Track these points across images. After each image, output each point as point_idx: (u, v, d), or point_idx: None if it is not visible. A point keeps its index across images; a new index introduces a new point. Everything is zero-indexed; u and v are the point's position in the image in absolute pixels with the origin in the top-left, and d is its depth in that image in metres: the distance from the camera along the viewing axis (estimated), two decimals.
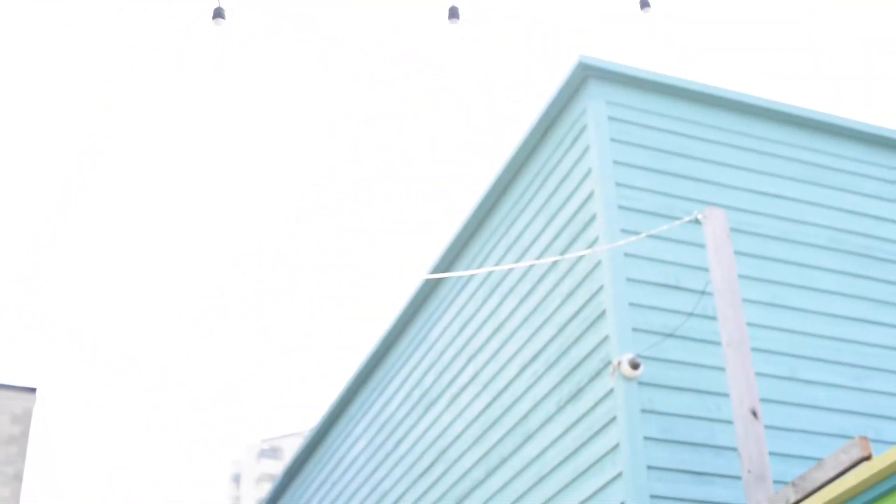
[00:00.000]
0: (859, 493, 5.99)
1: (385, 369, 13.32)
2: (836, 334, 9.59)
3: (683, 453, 8.47)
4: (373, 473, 13.13)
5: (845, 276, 9.96)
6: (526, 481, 9.64)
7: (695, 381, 8.78)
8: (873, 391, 9.46)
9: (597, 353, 8.93)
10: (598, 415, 8.75)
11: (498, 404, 10.36)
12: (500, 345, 10.53)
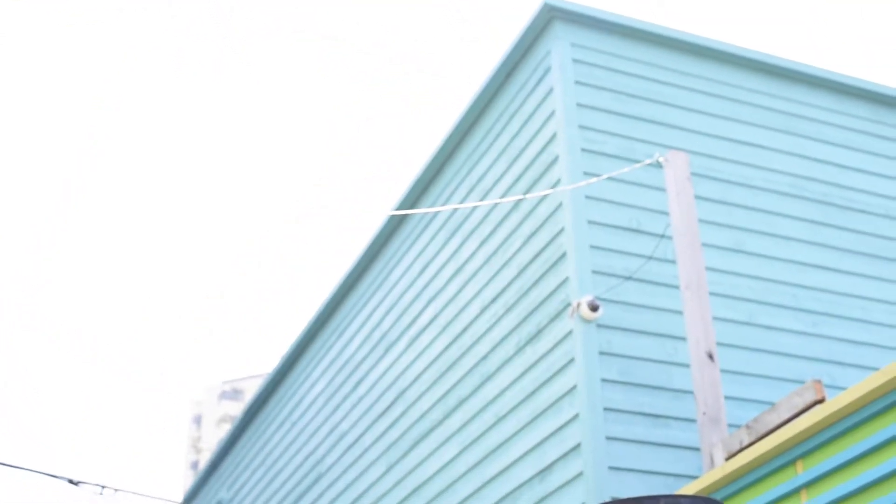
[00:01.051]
0: (812, 436, 6.02)
1: (345, 311, 13.29)
2: (796, 281, 9.62)
3: (640, 395, 8.49)
4: (332, 414, 13.14)
5: (807, 223, 9.97)
6: (484, 422, 9.66)
7: (653, 325, 8.80)
8: (831, 337, 9.51)
9: (556, 295, 8.93)
10: (557, 356, 8.75)
11: (457, 346, 10.36)
12: (460, 286, 10.52)
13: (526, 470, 8.92)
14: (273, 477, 14.79)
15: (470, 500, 9.68)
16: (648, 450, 8.34)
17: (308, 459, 13.65)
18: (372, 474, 11.72)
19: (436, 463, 10.38)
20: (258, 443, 15.70)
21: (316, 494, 13.19)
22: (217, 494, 17.15)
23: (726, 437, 6.92)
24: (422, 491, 10.57)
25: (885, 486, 5.58)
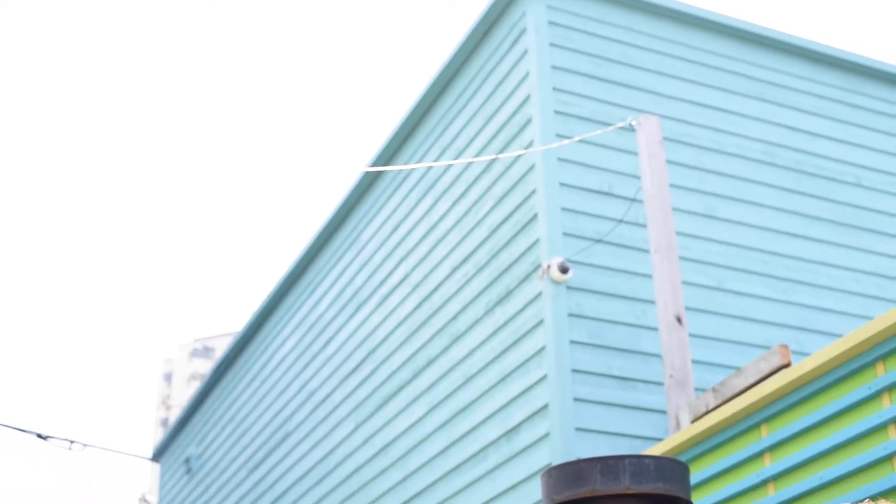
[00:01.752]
0: (777, 400, 6.07)
1: (316, 269, 13.28)
2: (767, 247, 9.66)
3: (609, 358, 8.52)
4: (301, 372, 13.15)
5: (778, 190, 10.00)
6: (452, 382, 9.69)
7: (623, 288, 8.83)
8: (800, 304, 9.56)
9: (527, 257, 8.94)
10: (526, 318, 8.78)
11: (427, 305, 10.38)
12: (431, 246, 10.52)
13: (493, 430, 8.95)
14: (242, 434, 14.81)
15: (437, 459, 9.72)
16: (616, 412, 8.38)
17: (277, 417, 13.67)
18: (340, 432, 11.75)
19: (404, 422, 10.41)
20: (227, 400, 15.71)
21: (284, 452, 13.22)
22: (186, 451, 17.17)
23: (693, 400, 6.96)
24: (389, 450, 10.60)
25: (847, 450, 5.63)
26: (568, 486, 5.73)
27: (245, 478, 14.41)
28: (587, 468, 5.66)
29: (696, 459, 6.53)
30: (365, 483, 11.01)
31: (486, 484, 8.93)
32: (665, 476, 5.70)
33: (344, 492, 11.45)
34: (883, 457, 5.42)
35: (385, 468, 10.64)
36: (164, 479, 18.41)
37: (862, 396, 5.60)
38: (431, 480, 9.74)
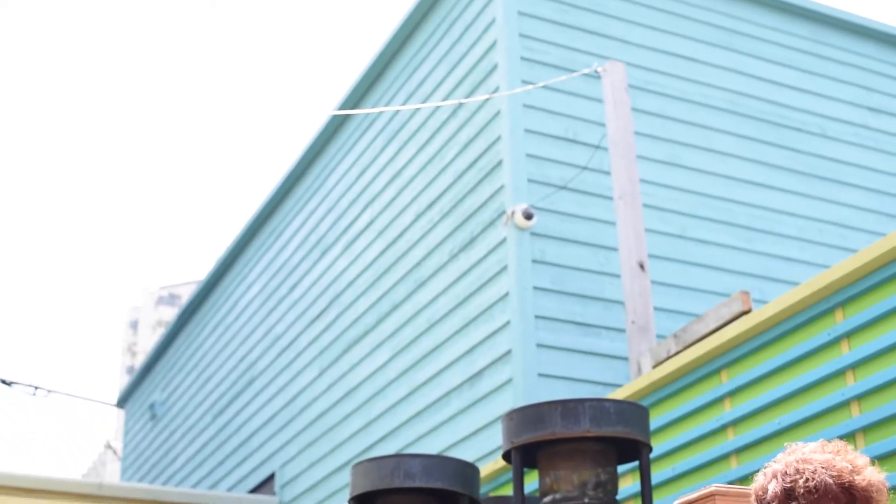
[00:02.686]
0: (738, 346, 6.10)
1: (282, 214, 13.25)
2: (730, 196, 9.69)
3: (572, 304, 8.55)
4: (266, 317, 13.14)
5: (743, 139, 10.02)
6: (416, 327, 9.71)
7: (587, 235, 8.84)
8: (762, 253, 9.61)
9: (491, 203, 8.94)
10: (490, 264, 8.79)
11: (392, 251, 10.38)
12: (396, 192, 10.51)
13: (456, 375, 8.98)
14: (206, 379, 14.81)
15: (400, 405, 9.75)
16: (578, 358, 8.42)
17: (242, 362, 13.67)
18: (305, 378, 11.77)
19: (368, 367, 10.44)
20: (192, 346, 15.69)
21: (249, 397, 13.24)
22: (151, 397, 17.16)
23: (654, 346, 7.00)
24: (354, 395, 10.63)
25: (806, 396, 5.67)
26: (528, 429, 5.77)
27: (210, 423, 14.42)
28: (548, 411, 5.70)
29: (657, 404, 6.57)
30: (329, 428, 11.05)
31: (449, 429, 8.97)
32: (625, 419, 5.74)
33: (308, 437, 11.49)
34: (840, 402, 5.47)
35: (349, 413, 10.67)
36: (128, 425, 18.41)
37: (821, 343, 5.64)
38: (395, 425, 9.78)
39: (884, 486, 2.61)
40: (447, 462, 6.33)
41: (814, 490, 2.55)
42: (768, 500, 2.63)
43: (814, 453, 2.65)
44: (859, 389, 5.37)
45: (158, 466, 16.20)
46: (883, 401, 5.28)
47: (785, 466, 2.65)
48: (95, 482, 12.00)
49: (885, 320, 5.34)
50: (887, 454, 5.14)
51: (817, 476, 2.57)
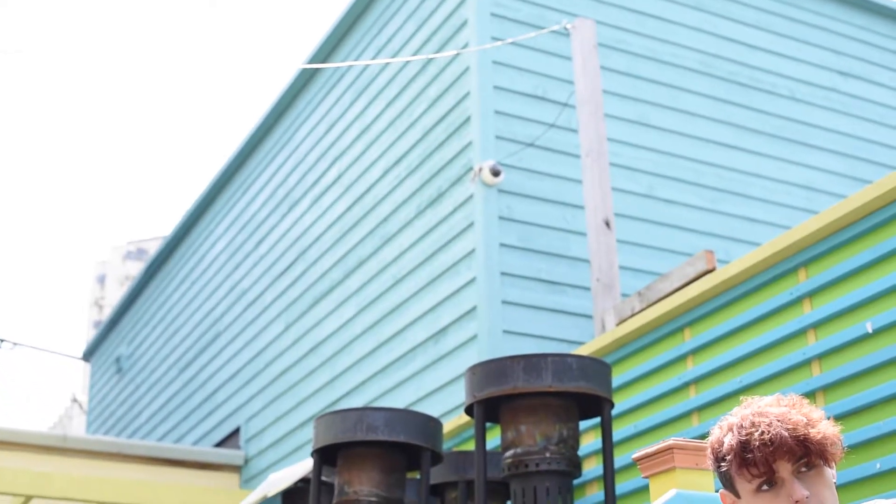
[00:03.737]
0: (701, 304, 6.13)
1: (249, 169, 13.20)
2: (698, 156, 9.70)
3: (538, 262, 8.56)
4: (233, 272, 13.11)
5: (712, 100, 10.03)
6: (382, 283, 9.71)
7: (554, 192, 8.84)
8: (729, 214, 9.63)
9: (459, 159, 8.93)
10: (457, 220, 8.78)
11: (359, 206, 10.36)
12: (364, 147, 10.48)
13: (421, 331, 9.00)
14: (172, 333, 14.79)
15: (366, 360, 9.76)
16: (543, 315, 8.44)
17: (207, 317, 13.65)
18: (270, 332, 11.76)
19: (334, 322, 10.44)
20: (158, 300, 15.65)
21: (214, 351, 13.23)
22: (116, 350, 17.12)
23: (618, 304, 7.02)
24: (319, 350, 10.63)
25: (768, 354, 5.71)
26: (491, 383, 5.79)
27: (175, 377, 14.41)
28: (510, 365, 5.72)
29: (620, 362, 6.59)
30: (294, 383, 11.05)
31: (414, 384, 8.99)
32: (587, 375, 5.77)
33: (273, 391, 11.49)
34: (802, 361, 5.50)
35: (314, 368, 10.67)
36: (94, 378, 18.37)
37: (783, 302, 5.66)
38: (360, 381, 9.79)
39: (838, 439, 2.63)
40: (410, 416, 6.35)
41: (769, 443, 2.56)
42: (724, 453, 2.64)
43: (769, 407, 2.66)
44: (820, 349, 5.40)
45: (124, 420, 16.19)
46: (843, 360, 5.31)
47: (741, 420, 2.65)
48: (60, 434, 11.99)
49: (847, 281, 5.37)
50: (846, 413, 5.18)
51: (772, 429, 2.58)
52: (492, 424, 6.85)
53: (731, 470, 2.64)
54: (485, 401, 5.85)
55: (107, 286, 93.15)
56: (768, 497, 2.59)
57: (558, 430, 5.75)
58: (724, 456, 2.65)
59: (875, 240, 5.27)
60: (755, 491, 2.61)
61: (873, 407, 5.13)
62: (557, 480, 5.71)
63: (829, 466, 2.63)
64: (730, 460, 2.63)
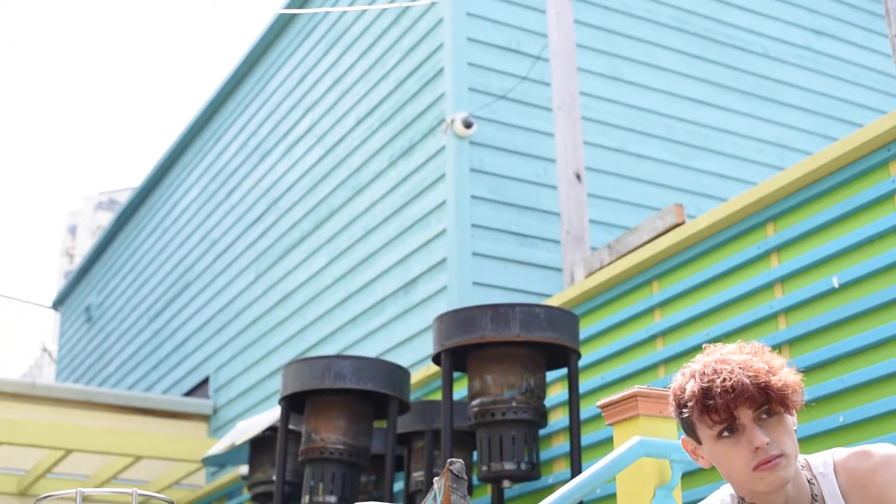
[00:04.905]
0: (670, 257, 6.16)
1: (222, 118, 13.14)
2: (670, 112, 9.71)
3: (509, 214, 8.57)
4: (204, 221, 13.08)
5: (685, 56, 10.02)
6: (353, 234, 9.70)
7: (526, 145, 8.84)
8: (700, 170, 9.65)
9: (431, 111, 8.91)
10: (428, 171, 8.78)
11: (331, 157, 10.34)
12: (337, 98, 10.45)
13: (391, 282, 9.01)
14: (143, 283, 14.75)
15: (336, 311, 9.77)
16: (513, 267, 8.46)
17: (178, 266, 13.62)
18: (241, 282, 11.75)
19: (304, 272, 10.43)
20: (129, 249, 15.60)
21: (184, 301, 13.21)
22: (86, 300, 17.08)
23: (588, 256, 7.04)
24: (289, 300, 10.64)
25: (735, 308, 5.75)
26: (458, 332, 5.81)
27: (145, 327, 14.39)
28: (478, 315, 5.75)
29: (589, 314, 6.62)
30: (264, 333, 11.06)
31: (383, 335, 9.01)
32: (554, 325, 5.80)
33: (243, 341, 11.50)
34: (769, 315, 5.54)
35: (284, 318, 10.68)
36: (63, 327, 18.32)
37: (751, 256, 5.70)
38: (330, 331, 9.81)
39: (799, 387, 2.65)
40: (378, 364, 6.38)
41: (730, 390, 2.58)
42: (685, 400, 2.66)
43: (732, 354, 2.68)
44: (787, 303, 5.44)
45: (93, 369, 16.17)
46: (809, 315, 5.36)
47: (703, 367, 2.67)
48: (28, 382, 11.97)
49: (815, 236, 5.41)
50: (811, 367, 5.23)
51: (734, 376, 2.60)
52: (460, 375, 6.88)
53: (692, 416, 2.66)
54: (452, 350, 5.87)
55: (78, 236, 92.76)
56: (729, 443, 2.61)
57: (525, 380, 5.78)
58: (686, 402, 2.66)
59: (842, 195, 5.30)
60: (716, 437, 2.63)
61: (838, 361, 5.18)
62: (523, 430, 5.75)
63: (790, 414, 2.65)
64: (691, 407, 2.65)
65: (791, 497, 2.65)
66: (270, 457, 7.84)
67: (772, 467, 2.57)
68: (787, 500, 2.65)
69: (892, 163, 5.08)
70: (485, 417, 5.75)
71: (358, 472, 6.46)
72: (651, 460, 3.63)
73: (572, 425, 5.84)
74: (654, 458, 3.63)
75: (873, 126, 5.07)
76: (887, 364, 4.89)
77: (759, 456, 2.57)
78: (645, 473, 3.64)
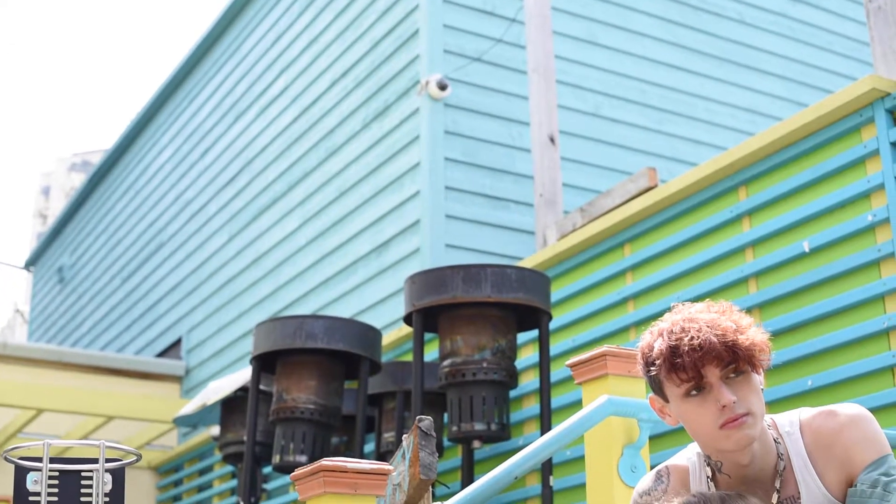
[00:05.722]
0: (642, 220, 6.17)
1: (196, 79, 13.07)
2: (645, 76, 9.70)
3: (482, 177, 8.57)
4: (177, 182, 13.03)
5: (661, 21, 10.00)
6: (326, 196, 9.68)
7: (500, 108, 8.83)
8: (673, 135, 9.66)
9: (406, 73, 8.88)
10: (403, 133, 8.76)
11: (305, 118, 10.30)
12: (312, 59, 10.40)
13: (364, 244, 9.00)
14: (115, 244, 14.70)
15: (309, 272, 9.77)
16: (486, 230, 8.46)
17: (151, 227, 13.58)
18: (214, 243, 11.72)
19: (277, 234, 10.42)
20: (102, 210, 15.53)
21: (157, 262, 13.18)
22: (59, 260, 17.01)
23: (560, 219, 7.05)
24: (262, 261, 10.62)
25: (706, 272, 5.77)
26: (430, 292, 5.82)
27: (118, 287, 14.35)
28: (450, 275, 5.75)
29: (560, 276, 6.63)
30: (237, 294, 11.05)
31: (356, 297, 9.01)
32: (526, 286, 5.81)
33: (215, 302, 11.48)
34: (739, 279, 5.57)
35: (257, 279, 10.66)
36: (36, 288, 18.26)
37: (723, 220, 5.72)
38: (303, 292, 9.80)
39: (767, 346, 2.65)
40: (350, 324, 6.38)
41: (698, 348, 2.58)
42: (653, 358, 2.66)
43: (700, 313, 2.68)
44: (758, 267, 5.47)
45: (66, 330, 16.13)
46: (780, 279, 5.38)
47: (671, 325, 2.67)
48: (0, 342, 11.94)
49: (786, 200, 5.43)
50: (781, 330, 5.26)
51: (702, 335, 2.60)
52: (432, 336, 6.89)
53: (660, 374, 2.66)
54: (424, 310, 5.88)
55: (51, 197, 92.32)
56: (696, 402, 2.62)
57: (496, 341, 5.80)
58: (654, 360, 2.66)
59: (814, 160, 5.32)
60: (683, 395, 2.63)
61: (808, 325, 5.21)
62: (494, 390, 5.77)
63: (757, 373, 2.65)
64: (659, 365, 2.64)
65: (757, 455, 2.66)
66: (242, 417, 7.85)
67: (738, 425, 2.57)
68: (753, 459, 2.65)
69: (864, 128, 5.09)
70: (455, 378, 5.77)
71: (329, 431, 6.48)
72: (619, 419, 3.65)
73: (543, 387, 5.86)
74: (623, 417, 3.64)
75: (845, 91, 5.08)
76: (856, 328, 4.92)
77: (726, 414, 2.57)
78: (613, 432, 3.66)
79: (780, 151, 5.47)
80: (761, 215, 5.55)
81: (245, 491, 6.64)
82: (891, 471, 2.59)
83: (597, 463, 3.72)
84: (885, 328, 4.80)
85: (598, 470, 3.71)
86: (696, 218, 5.89)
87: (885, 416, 4.70)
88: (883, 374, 4.82)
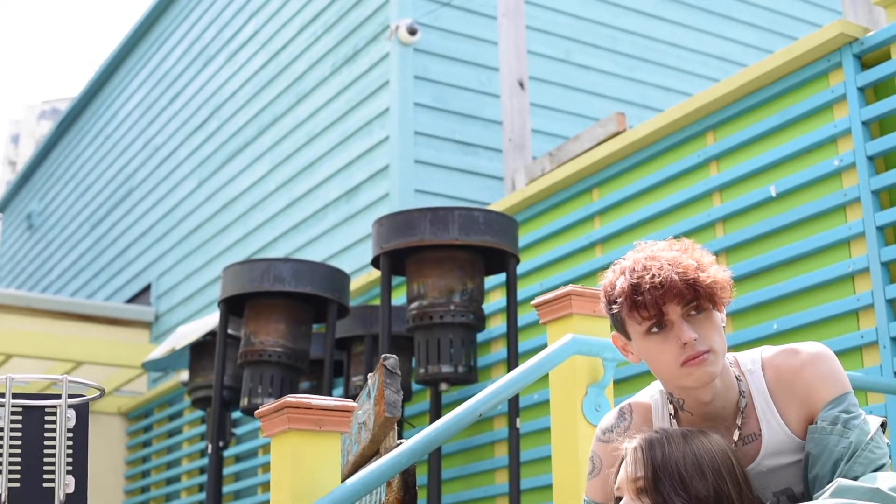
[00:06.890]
0: (610, 164, 6.18)
1: (165, 24, 12.97)
2: (615, 23, 9.68)
3: (452, 123, 8.55)
4: (146, 128, 12.96)
5: None
6: (296, 141, 9.66)
7: (470, 53, 8.81)
8: (643, 82, 9.66)
9: (376, 17, 8.84)
10: (372, 78, 8.73)
11: (274, 63, 10.25)
12: (281, 4, 10.33)
13: (334, 189, 8.99)
14: (85, 190, 14.63)
15: (278, 217, 9.75)
16: (456, 176, 8.46)
17: (120, 173, 13.52)
18: (183, 189, 11.68)
19: (247, 179, 10.39)
20: (71, 156, 15.44)
21: (127, 208, 13.13)
22: (28, 207, 16.92)
23: (529, 164, 7.05)
24: (232, 206, 10.59)
25: (673, 216, 5.79)
26: (397, 235, 5.82)
27: (87, 233, 14.30)
28: (417, 218, 5.76)
29: (529, 221, 6.64)
30: (206, 239, 11.02)
31: (325, 242, 9.01)
32: (493, 229, 5.82)
33: (185, 248, 11.46)
34: (706, 223, 5.59)
35: (227, 225, 10.64)
36: (5, 234, 18.16)
37: (691, 164, 5.73)
38: (272, 237, 9.79)
39: (728, 284, 2.66)
40: (317, 268, 6.38)
41: (659, 286, 2.58)
42: (615, 296, 2.66)
43: (661, 251, 2.68)
44: (725, 211, 5.49)
45: (35, 276, 16.07)
46: (746, 223, 5.41)
47: (633, 263, 2.67)
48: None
49: (752, 145, 5.45)
50: (747, 275, 5.29)
51: (663, 272, 2.60)
52: (400, 281, 6.90)
53: (622, 312, 2.66)
54: (391, 252, 5.89)
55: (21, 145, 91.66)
56: (657, 339, 2.62)
57: (464, 284, 5.81)
58: (616, 298, 2.67)
59: (781, 105, 5.33)
60: (645, 333, 2.64)
61: (773, 269, 5.24)
62: (461, 333, 5.79)
63: (719, 310, 2.66)
64: (621, 302, 2.65)
65: (719, 393, 2.67)
66: (210, 362, 7.86)
67: (699, 363, 2.58)
68: (715, 396, 2.66)
69: (832, 73, 5.10)
70: (423, 320, 5.79)
71: (297, 375, 6.50)
72: (584, 358, 3.67)
73: (510, 330, 5.88)
74: (587, 356, 3.66)
75: (813, 36, 5.09)
76: (822, 272, 4.95)
77: (687, 351, 2.58)
78: (577, 371, 3.68)
79: (748, 96, 5.48)
80: (728, 160, 5.57)
81: (213, 434, 6.67)
82: (851, 408, 2.61)
83: (561, 402, 3.74)
84: (850, 272, 4.84)
85: (563, 409, 3.73)
86: (664, 163, 5.90)
87: (849, 358, 4.74)
88: (847, 317, 4.86)
